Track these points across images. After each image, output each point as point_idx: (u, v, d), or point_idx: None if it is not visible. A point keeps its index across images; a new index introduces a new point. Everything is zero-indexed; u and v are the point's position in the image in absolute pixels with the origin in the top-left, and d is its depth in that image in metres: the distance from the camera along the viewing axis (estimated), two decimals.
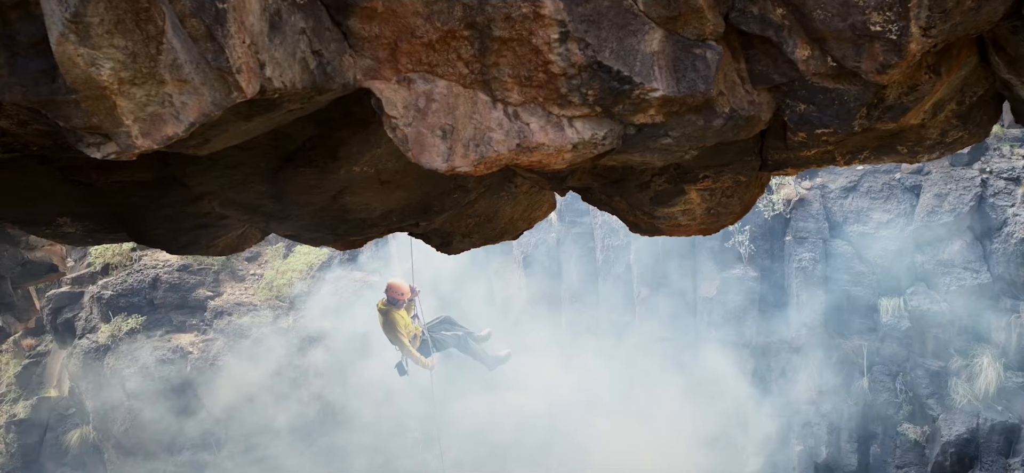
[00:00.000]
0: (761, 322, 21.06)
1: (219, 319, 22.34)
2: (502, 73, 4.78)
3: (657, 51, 4.68)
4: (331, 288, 22.63)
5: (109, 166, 6.02)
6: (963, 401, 19.38)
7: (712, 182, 5.90)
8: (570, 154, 4.93)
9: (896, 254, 20.30)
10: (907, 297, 20.22)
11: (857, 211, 20.67)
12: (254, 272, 23.65)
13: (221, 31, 4.02)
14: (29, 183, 6.22)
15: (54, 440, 22.14)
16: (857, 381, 20.71)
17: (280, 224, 6.92)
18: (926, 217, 19.81)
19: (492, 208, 7.32)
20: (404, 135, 4.82)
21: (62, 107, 4.10)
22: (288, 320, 22.29)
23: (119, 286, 22.18)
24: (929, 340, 20.15)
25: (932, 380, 19.95)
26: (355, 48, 4.71)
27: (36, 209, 6.78)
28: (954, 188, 19.79)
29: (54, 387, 22.72)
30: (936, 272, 19.98)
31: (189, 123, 4.21)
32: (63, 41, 3.86)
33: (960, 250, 19.84)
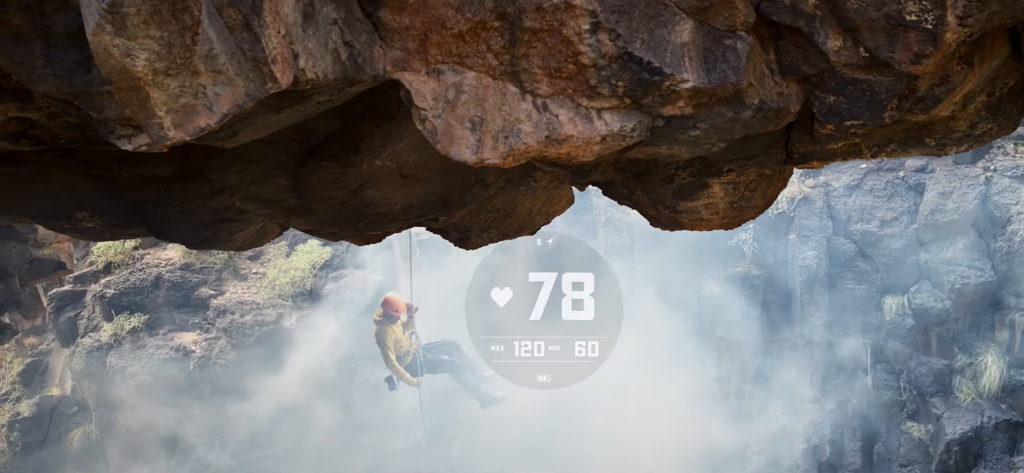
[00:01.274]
0: (764, 320, 21.06)
1: (221, 318, 22.31)
2: (531, 64, 4.76)
3: (687, 42, 4.66)
4: (334, 286, 22.60)
5: (131, 160, 6.02)
6: (967, 399, 19.41)
7: (736, 175, 5.88)
8: (598, 146, 4.91)
9: (900, 252, 20.31)
10: (911, 295, 20.27)
11: (861, 209, 20.70)
12: (256, 271, 23.63)
13: (257, 21, 4.00)
14: (50, 177, 6.21)
15: (56, 439, 22.12)
16: (861, 379, 20.74)
17: (300, 218, 6.91)
18: (930, 215, 19.84)
19: (511, 203, 7.31)
20: (433, 127, 4.81)
21: (96, 98, 4.08)
22: (291, 319, 22.26)
23: (121, 285, 22.17)
24: (933, 338, 20.20)
25: (936, 378, 19.99)
26: (385, 39, 4.69)
27: (55, 204, 6.78)
28: (958, 186, 19.81)
29: (56, 386, 22.70)
30: (940, 270, 20.02)
31: (222, 114, 4.19)
32: (99, 32, 3.83)
33: (964, 248, 19.88)
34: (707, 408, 21.09)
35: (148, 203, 6.74)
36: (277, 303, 22.59)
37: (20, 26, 3.91)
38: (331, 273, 22.99)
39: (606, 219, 21.99)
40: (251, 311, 22.44)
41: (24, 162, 5.74)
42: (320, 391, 21.51)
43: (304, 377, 21.58)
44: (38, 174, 6.07)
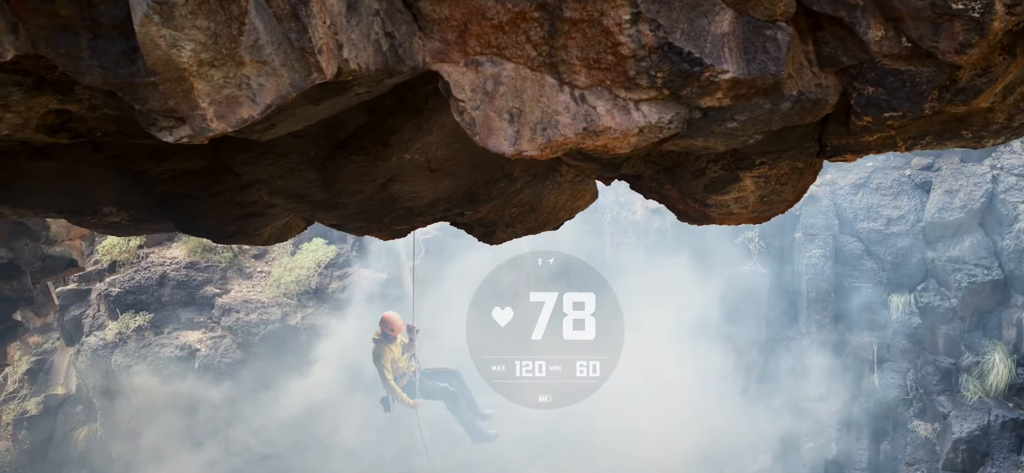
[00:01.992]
0: (770, 319, 21.04)
1: (227, 316, 22.28)
2: (570, 55, 4.75)
3: (727, 32, 4.65)
4: (339, 285, 22.58)
5: (161, 154, 6.01)
6: (974, 398, 19.39)
7: (768, 168, 5.87)
8: (636, 138, 4.90)
9: (906, 250, 20.30)
10: (917, 293, 20.25)
11: (867, 207, 20.68)
12: (261, 269, 23.59)
13: (304, 10, 4.00)
14: (79, 172, 6.20)
15: (61, 438, 22.08)
16: (867, 378, 20.70)
17: (327, 213, 6.89)
18: (936, 213, 19.83)
19: (536, 197, 7.30)
20: (471, 118, 4.80)
21: (140, 90, 4.07)
22: (296, 317, 22.23)
23: (126, 283, 22.13)
24: (940, 336, 20.17)
25: (943, 377, 19.97)
26: (424, 30, 4.68)
27: (83, 198, 6.76)
28: (965, 184, 19.81)
29: (61, 385, 22.66)
30: (947, 268, 20.00)
31: (265, 106, 4.19)
32: (147, 22, 3.82)
33: (971, 246, 19.86)
34: (711, 407, 21.05)
35: (175, 197, 6.73)
36: (282, 301, 22.55)
37: (68, 17, 3.91)
38: (336, 272, 22.96)
39: (612, 218, 21.96)
40: (256, 309, 22.39)
41: (55, 156, 5.74)
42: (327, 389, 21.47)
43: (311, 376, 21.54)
44: (67, 168, 6.06)
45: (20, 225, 12.07)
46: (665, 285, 21.11)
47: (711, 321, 20.93)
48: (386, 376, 15.55)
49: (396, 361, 15.67)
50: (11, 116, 4.38)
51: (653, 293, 21.11)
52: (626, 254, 22.06)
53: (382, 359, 15.52)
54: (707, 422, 20.73)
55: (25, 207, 7.01)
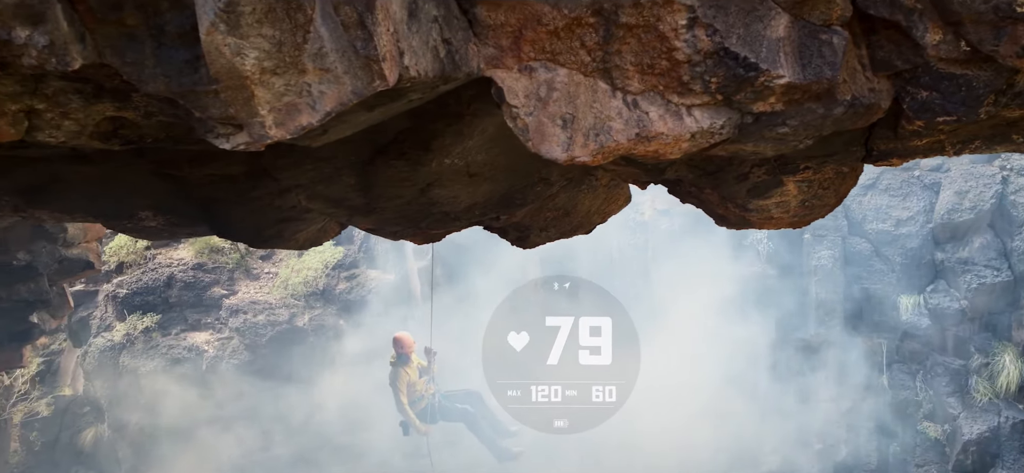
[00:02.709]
0: (780, 320, 21.03)
1: (234, 318, 22.26)
2: (624, 61, 4.74)
3: (783, 37, 4.64)
4: (346, 286, 22.57)
5: (202, 159, 6.01)
6: (984, 399, 19.41)
7: (812, 173, 5.86)
8: (687, 144, 4.89)
9: (916, 251, 20.30)
10: (927, 295, 20.25)
11: (876, 208, 20.69)
12: (269, 270, 23.58)
13: (370, 18, 4.00)
14: (118, 177, 6.19)
15: (68, 439, 22.05)
16: (876, 379, 20.69)
17: (364, 218, 6.88)
18: (946, 214, 19.83)
19: (571, 201, 7.30)
20: (525, 124, 4.79)
21: (201, 97, 4.07)
22: (304, 318, 22.22)
23: (134, 284, 22.12)
24: (949, 338, 20.19)
25: (952, 378, 19.98)
26: (479, 36, 4.67)
27: (120, 203, 6.76)
28: (974, 185, 19.82)
29: (68, 386, 22.63)
30: (956, 269, 20.02)
31: (325, 113, 4.18)
32: (212, 31, 3.82)
33: (980, 247, 19.87)
34: (720, 408, 21.05)
35: (214, 202, 6.73)
36: (290, 303, 22.54)
37: (134, 26, 3.92)
38: (344, 273, 22.95)
39: (622, 221, 21.95)
40: (264, 311, 22.38)
41: (95, 161, 5.73)
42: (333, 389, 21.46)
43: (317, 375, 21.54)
44: (106, 173, 6.06)
45: (38, 228, 12.07)
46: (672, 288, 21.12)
47: (720, 324, 20.92)
48: (401, 400, 15.46)
49: (413, 384, 15.58)
50: (69, 123, 4.38)
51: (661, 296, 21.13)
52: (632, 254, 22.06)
53: (397, 383, 15.44)
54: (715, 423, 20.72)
55: (63, 211, 7.01)
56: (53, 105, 4.25)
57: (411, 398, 15.58)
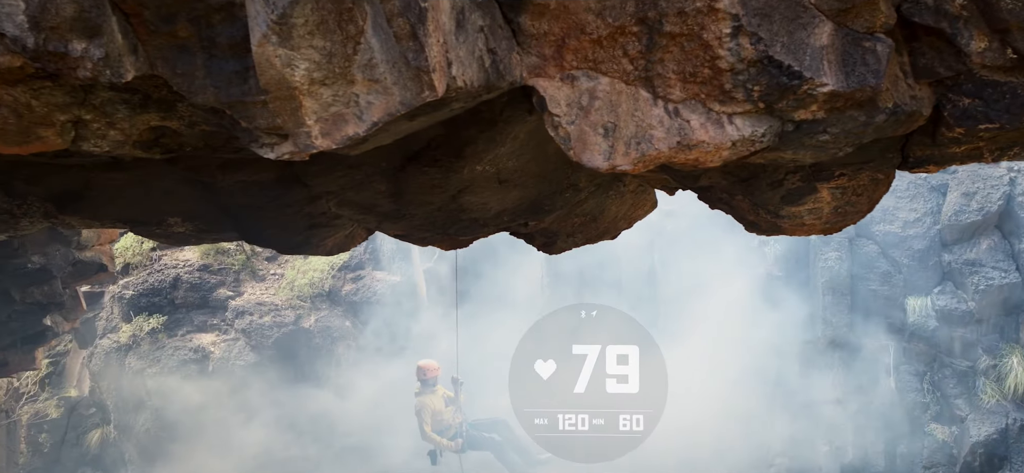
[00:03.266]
0: (787, 322, 21.01)
1: (240, 319, 22.24)
2: (666, 69, 4.73)
3: (826, 45, 4.63)
4: (352, 287, 22.56)
5: (233, 166, 6.00)
6: (991, 401, 19.39)
7: (847, 180, 5.84)
8: (728, 152, 4.88)
9: (923, 253, 20.28)
10: (934, 296, 20.22)
11: (883, 210, 20.67)
12: (274, 272, 23.56)
13: (422, 30, 4.00)
14: (149, 184, 6.18)
15: (74, 440, 22.04)
16: (884, 381, 20.67)
17: (393, 224, 6.88)
18: (953, 216, 19.82)
19: (599, 207, 7.29)
20: (566, 133, 4.78)
21: (250, 108, 4.08)
22: (310, 320, 22.21)
23: (140, 286, 22.10)
24: (957, 340, 20.16)
25: (960, 380, 19.97)
26: (522, 45, 4.67)
27: (150, 209, 6.76)
28: (982, 187, 19.80)
29: (74, 387, 22.62)
30: (963, 271, 20.01)
31: (372, 123, 4.18)
32: (264, 42, 3.83)
33: (988, 249, 19.85)
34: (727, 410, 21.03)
35: (243, 208, 6.73)
36: (296, 304, 22.52)
37: (186, 38, 3.93)
38: (350, 274, 22.93)
39: None
40: (270, 312, 22.35)
41: (129, 168, 5.72)
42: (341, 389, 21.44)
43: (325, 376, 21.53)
44: (139, 180, 6.06)
45: (53, 231, 12.05)
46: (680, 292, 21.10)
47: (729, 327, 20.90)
48: (425, 429, 15.42)
49: (439, 413, 15.54)
50: (114, 133, 4.37)
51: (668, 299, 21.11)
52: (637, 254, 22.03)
53: (422, 413, 15.40)
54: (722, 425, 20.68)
55: (93, 217, 7.01)
56: (100, 115, 4.25)
57: (437, 428, 15.53)
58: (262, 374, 21.32)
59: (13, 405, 19.67)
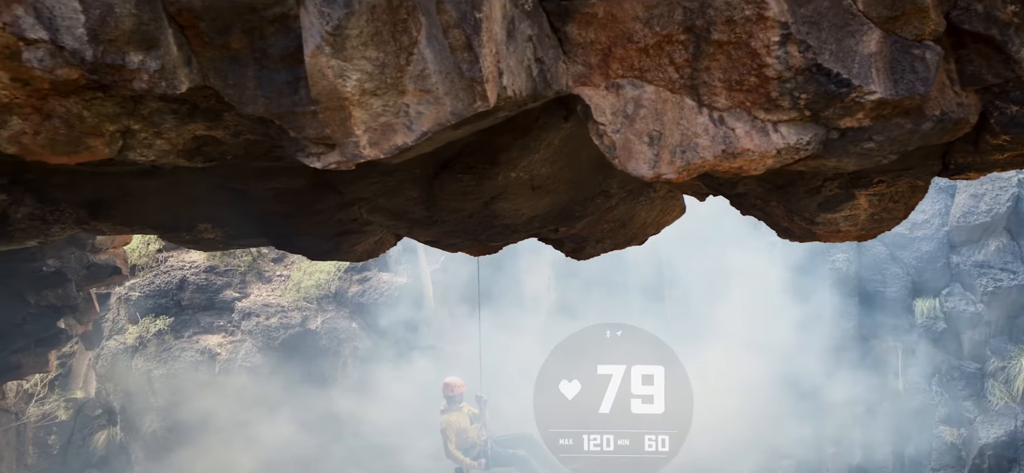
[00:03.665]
0: (794, 323, 20.97)
1: (247, 320, 22.21)
2: (712, 77, 4.71)
3: (875, 52, 4.60)
4: (359, 289, 22.53)
5: (268, 173, 5.98)
6: (1000, 403, 19.37)
7: (886, 187, 5.81)
8: (772, 160, 4.86)
9: (931, 255, 20.25)
10: (942, 298, 20.19)
11: None
12: (280, 273, 23.53)
13: (477, 40, 3.99)
14: (182, 191, 6.17)
15: (80, 441, 22.00)
16: (892, 383, 20.64)
17: (424, 230, 6.86)
18: (961, 217, 19.79)
19: (629, 213, 7.27)
20: (611, 142, 4.75)
21: (299, 118, 4.07)
22: (316, 321, 22.18)
23: (146, 287, 22.06)
24: (965, 341, 20.12)
25: (968, 382, 19.93)
26: (568, 54, 4.64)
27: (181, 215, 6.75)
28: (990, 188, 19.77)
29: (80, 389, 22.58)
30: (972, 273, 19.98)
31: (421, 133, 4.17)
32: (317, 54, 3.84)
33: (996, 251, 19.83)
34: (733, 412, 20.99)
35: (275, 215, 6.72)
36: (302, 305, 22.49)
37: (239, 49, 3.92)
38: (356, 275, 22.89)
39: None
40: (276, 313, 22.33)
41: (164, 175, 5.70)
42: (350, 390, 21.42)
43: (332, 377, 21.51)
44: (172, 187, 6.05)
45: None
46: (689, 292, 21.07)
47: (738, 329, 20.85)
48: (449, 447, 15.43)
49: (463, 431, 15.55)
50: (161, 142, 4.36)
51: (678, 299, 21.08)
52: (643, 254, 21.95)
53: (447, 431, 15.43)
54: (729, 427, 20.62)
55: (124, 223, 7.01)
56: (148, 125, 4.24)
57: (462, 446, 15.54)
58: (268, 376, 21.29)
59: (22, 407, 19.63)
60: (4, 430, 18.10)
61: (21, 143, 3.93)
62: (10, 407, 18.47)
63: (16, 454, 18.80)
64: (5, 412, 18.12)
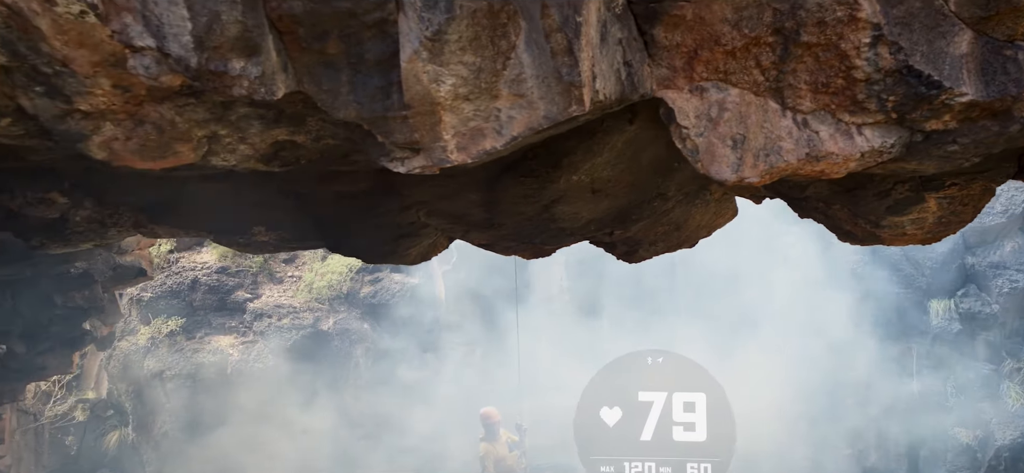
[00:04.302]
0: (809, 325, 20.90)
1: (259, 321, 22.15)
2: (798, 80, 4.64)
3: (966, 53, 4.54)
4: (371, 290, 22.47)
5: (332, 177, 5.93)
6: (1016, 405, 19.31)
7: (958, 190, 5.75)
8: (855, 163, 4.79)
9: (946, 256, 20.21)
10: (958, 299, 20.14)
11: None
12: (292, 274, 23.47)
13: (577, 45, 3.94)
14: (241, 194, 6.11)
15: (92, 441, 21.93)
16: (906, 384, 20.58)
17: (481, 233, 6.81)
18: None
19: (684, 216, 7.21)
20: (695, 145, 4.69)
21: (389, 123, 4.04)
22: (328, 322, 22.12)
23: (158, 288, 21.98)
24: (980, 343, 20.06)
25: (983, 383, 19.87)
26: (653, 57, 4.58)
27: (237, 219, 6.70)
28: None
29: (92, 389, 22.52)
30: (987, 274, 19.93)
31: (511, 138, 4.13)
32: (414, 59, 3.81)
33: (1012, 252, 19.77)
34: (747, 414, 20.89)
35: (333, 218, 6.69)
36: (314, 306, 22.43)
37: (335, 55, 3.90)
38: (367, 276, 22.82)
39: None
40: (288, 314, 22.27)
41: (224, 179, 5.64)
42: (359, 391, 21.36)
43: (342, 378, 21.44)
44: (232, 191, 6.00)
45: None
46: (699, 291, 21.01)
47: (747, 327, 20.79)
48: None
49: (502, 459, 15.57)
50: (244, 147, 4.31)
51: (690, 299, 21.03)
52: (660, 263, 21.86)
53: (485, 460, 15.45)
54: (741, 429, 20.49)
55: (179, 227, 6.98)
56: (234, 130, 4.20)
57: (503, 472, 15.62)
58: (280, 377, 21.23)
59: (40, 408, 19.57)
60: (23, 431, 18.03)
61: (111, 149, 3.88)
62: (28, 408, 18.40)
63: (35, 455, 18.73)
64: (24, 413, 18.05)
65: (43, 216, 6.39)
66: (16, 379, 13.19)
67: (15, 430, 17.09)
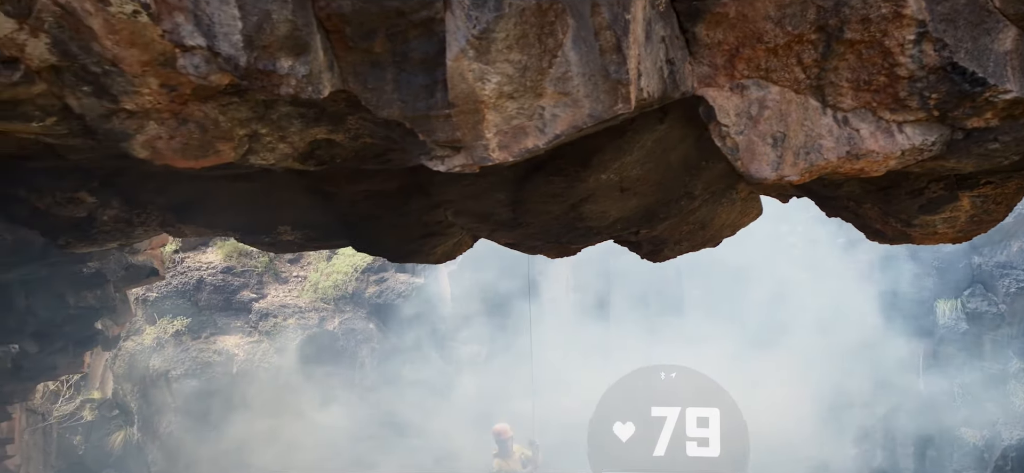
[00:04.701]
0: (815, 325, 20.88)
1: (264, 321, 22.14)
2: (839, 77, 4.61)
3: (1010, 50, 4.50)
4: (376, 290, 22.45)
5: (361, 176, 5.90)
6: (1023, 405, 19.27)
7: (993, 188, 5.70)
8: (895, 162, 4.76)
9: (953, 256, 20.19)
10: (964, 299, 20.12)
11: None
12: (297, 274, 23.44)
13: (626, 42, 3.91)
14: (268, 193, 6.08)
15: (97, 441, 21.89)
16: (913, 384, 20.56)
17: (507, 232, 6.77)
18: None
19: (710, 215, 7.18)
20: (735, 143, 4.65)
21: (432, 121, 4.02)
22: (334, 322, 22.10)
23: (163, 288, 21.95)
24: (987, 342, 20.04)
25: (990, 383, 19.84)
26: (695, 55, 4.55)
27: (263, 219, 6.68)
28: None
29: (97, 389, 22.48)
30: (994, 274, 19.91)
31: (554, 136, 4.10)
32: (461, 57, 3.79)
33: (1019, 252, 19.75)
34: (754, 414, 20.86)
35: (361, 217, 6.66)
36: (320, 306, 22.41)
37: (380, 53, 3.89)
38: (373, 276, 22.80)
39: None
40: (294, 314, 22.25)
41: (252, 179, 5.61)
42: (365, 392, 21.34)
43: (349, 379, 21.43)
44: (261, 191, 5.98)
45: None
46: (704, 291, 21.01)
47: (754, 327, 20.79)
48: None
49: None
50: (283, 146, 4.28)
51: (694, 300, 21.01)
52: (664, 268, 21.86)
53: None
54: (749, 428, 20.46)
55: (206, 226, 6.96)
56: (275, 129, 4.17)
57: None
58: (285, 377, 21.21)
59: (48, 407, 19.53)
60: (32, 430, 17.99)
61: (154, 148, 3.86)
62: (36, 407, 18.35)
63: (43, 455, 18.70)
64: (33, 412, 18.01)
65: (71, 215, 6.37)
66: (28, 378, 13.17)
67: (24, 429, 17.03)
